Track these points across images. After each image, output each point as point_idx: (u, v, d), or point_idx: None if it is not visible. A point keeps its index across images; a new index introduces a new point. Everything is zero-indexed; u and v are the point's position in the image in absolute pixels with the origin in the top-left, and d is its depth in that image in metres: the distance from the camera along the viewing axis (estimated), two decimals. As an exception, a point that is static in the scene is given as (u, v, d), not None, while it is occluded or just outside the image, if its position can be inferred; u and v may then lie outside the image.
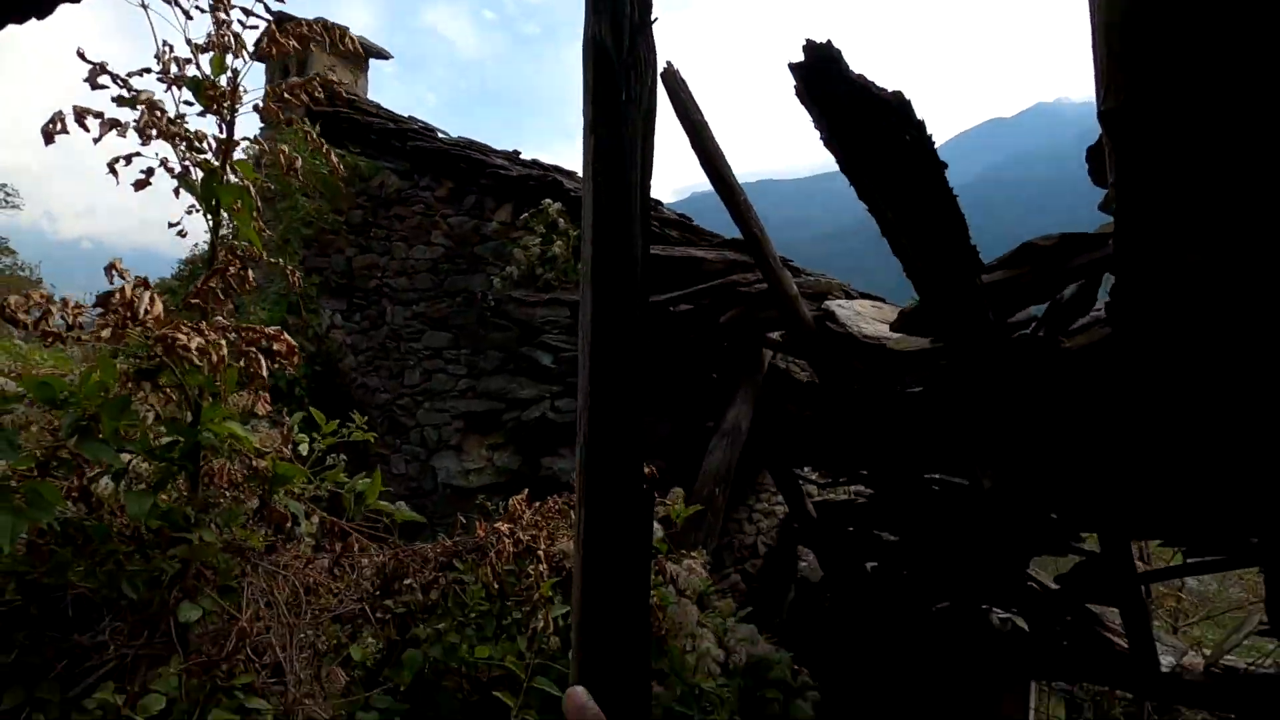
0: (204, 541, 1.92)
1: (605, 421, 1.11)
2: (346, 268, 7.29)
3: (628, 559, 1.15)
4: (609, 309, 1.10)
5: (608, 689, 1.21)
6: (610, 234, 1.08)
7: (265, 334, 1.60)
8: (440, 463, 5.55)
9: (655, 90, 1.19)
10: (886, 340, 3.72)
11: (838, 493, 6.76)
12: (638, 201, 1.13)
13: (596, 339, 1.08)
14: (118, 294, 1.31)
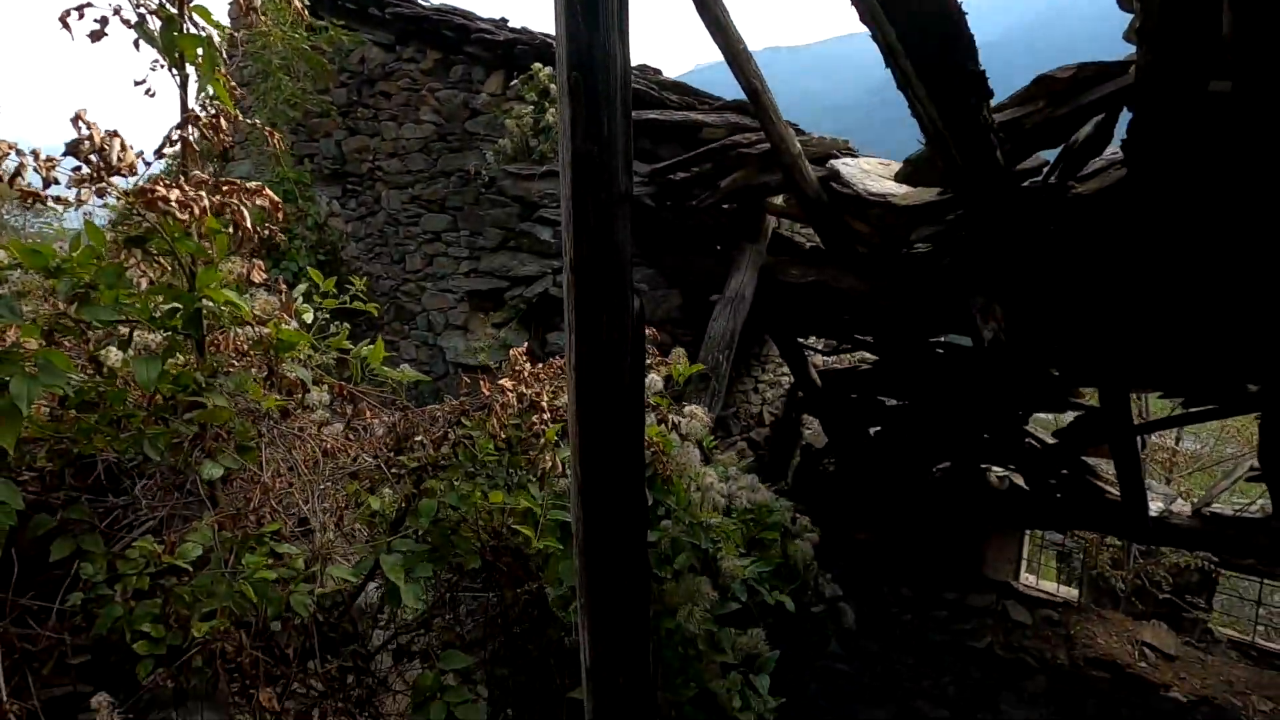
0: (217, 406, 1.98)
1: (590, 244, 1.09)
2: (337, 152, 7.06)
3: (618, 383, 1.17)
4: (589, 118, 1.06)
5: (605, 518, 1.27)
6: (585, 53, 1.01)
7: (246, 188, 1.56)
8: (448, 342, 5.63)
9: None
10: (893, 196, 3.61)
11: (842, 360, 6.85)
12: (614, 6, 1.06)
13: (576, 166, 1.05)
14: (86, 141, 1.27)
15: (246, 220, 1.49)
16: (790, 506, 2.87)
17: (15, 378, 1.64)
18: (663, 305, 5.32)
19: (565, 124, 1.04)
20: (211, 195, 1.46)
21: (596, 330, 1.11)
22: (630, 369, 1.21)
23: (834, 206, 4.12)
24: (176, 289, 1.89)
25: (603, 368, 1.14)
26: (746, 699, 2.02)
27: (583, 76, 1.01)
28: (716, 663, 2.04)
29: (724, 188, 4.25)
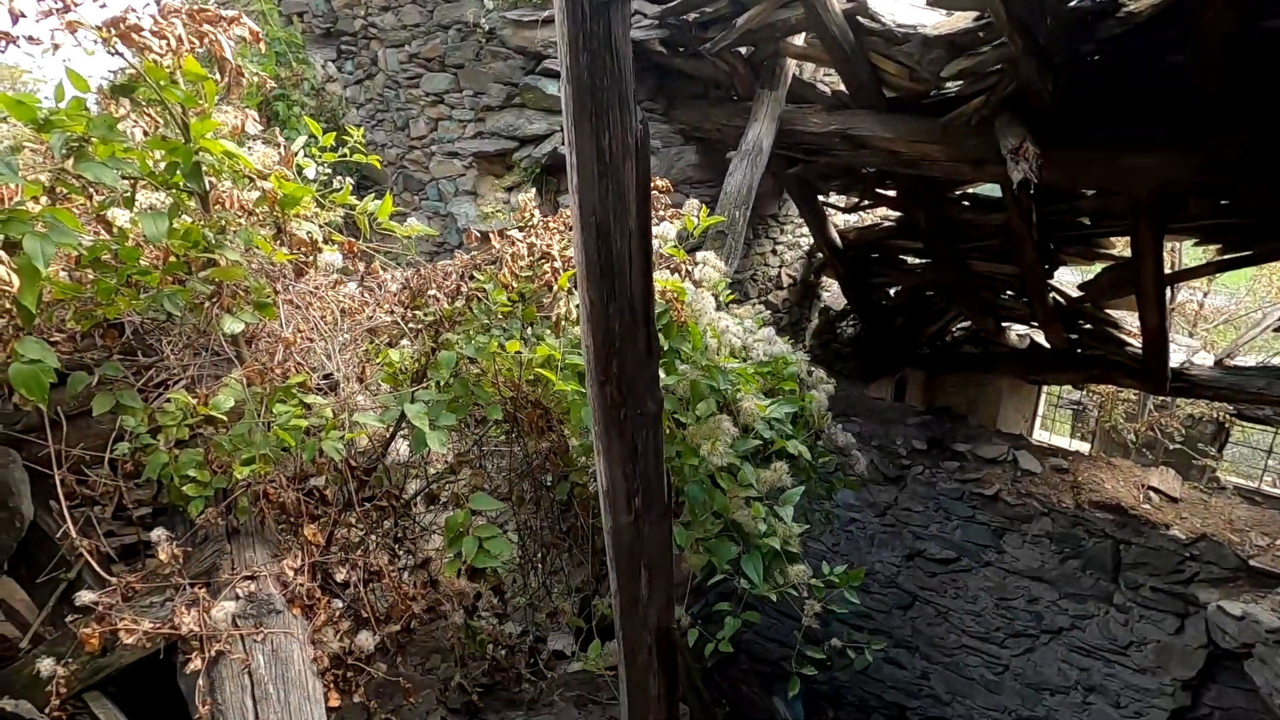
0: (231, 262, 1.98)
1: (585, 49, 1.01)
2: (327, 8, 6.60)
3: (622, 210, 1.13)
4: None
5: (617, 354, 1.27)
6: None
7: (222, 16, 1.47)
8: (458, 208, 5.53)
9: None
10: (924, 26, 3.31)
11: (863, 218, 6.64)
12: None
13: None
14: None
15: (226, 51, 1.40)
16: (807, 359, 2.89)
17: (28, 236, 1.64)
18: (677, 163, 5.12)
19: None
20: (187, 24, 1.37)
21: (599, 152, 1.05)
22: (637, 192, 1.16)
23: (860, 44, 3.81)
24: (172, 142, 1.83)
25: (606, 191, 1.10)
26: (771, 526, 2.11)
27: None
28: (741, 495, 2.12)
29: (741, 26, 3.93)
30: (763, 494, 2.12)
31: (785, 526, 2.10)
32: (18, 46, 1.34)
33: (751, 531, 2.03)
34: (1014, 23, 2.46)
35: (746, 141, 4.19)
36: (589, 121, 1.06)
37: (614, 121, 1.08)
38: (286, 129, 6.00)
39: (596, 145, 1.07)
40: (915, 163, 4.11)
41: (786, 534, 2.11)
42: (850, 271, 6.41)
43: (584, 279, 1.18)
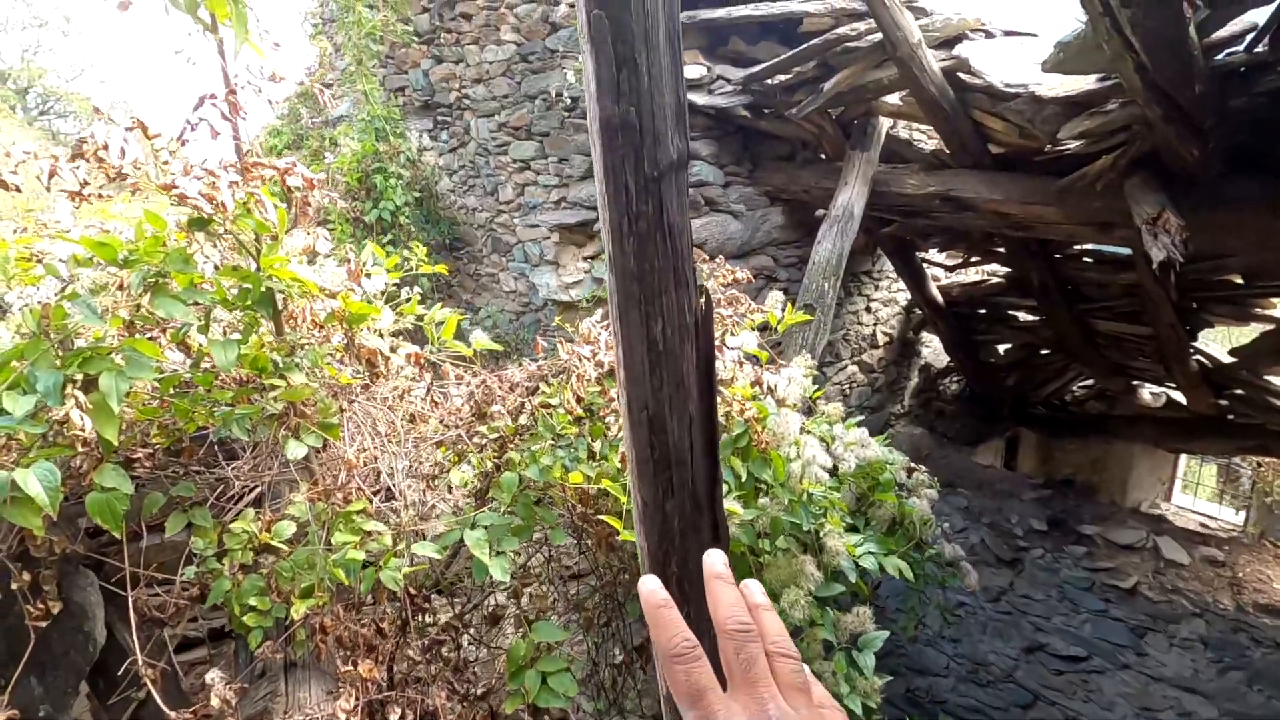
0: (298, 384, 1.96)
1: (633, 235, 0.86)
2: (425, 83, 6.94)
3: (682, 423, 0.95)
4: (621, 69, 0.80)
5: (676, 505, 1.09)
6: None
7: (275, 168, 1.44)
8: (540, 279, 5.55)
9: None
10: (1037, 86, 3.00)
11: (967, 274, 6.17)
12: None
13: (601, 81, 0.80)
14: (88, 140, 1.17)
15: (269, 211, 1.36)
16: (905, 461, 2.59)
17: (104, 374, 1.66)
18: (763, 226, 4.93)
19: (589, 78, 0.79)
20: (238, 180, 1.34)
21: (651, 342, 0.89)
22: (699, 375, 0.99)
23: (961, 102, 3.52)
24: (243, 270, 1.84)
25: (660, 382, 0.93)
26: (852, 681, 1.86)
27: (607, 14, 0.75)
28: (819, 641, 1.88)
29: (829, 90, 3.73)
30: (842, 641, 1.87)
31: (867, 681, 1.83)
32: (90, 203, 1.36)
33: (830, 690, 1.76)
34: (1152, 92, 2.13)
35: (836, 207, 3.95)
36: (637, 310, 0.90)
37: (669, 306, 0.91)
38: (384, 199, 6.28)
39: (648, 335, 0.91)
40: (1028, 225, 3.72)
41: (868, 689, 1.84)
42: (954, 329, 5.95)
43: (635, 475, 1.01)
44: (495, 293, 6.92)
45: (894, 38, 3.24)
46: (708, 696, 0.45)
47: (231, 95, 1.44)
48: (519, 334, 6.45)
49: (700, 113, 4.38)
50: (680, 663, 0.46)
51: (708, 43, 4.58)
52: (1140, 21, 1.69)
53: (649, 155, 0.84)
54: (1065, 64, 2.55)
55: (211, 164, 1.41)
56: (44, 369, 1.69)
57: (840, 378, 5.92)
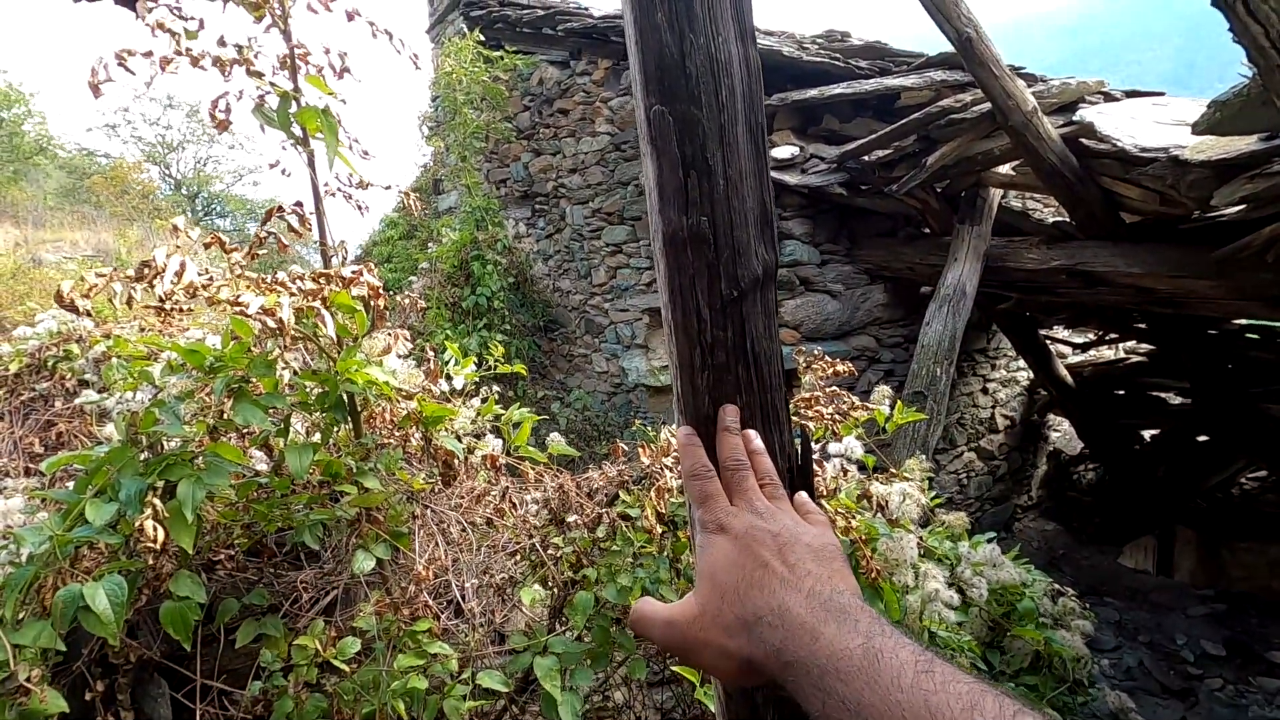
0: (372, 490, 1.89)
1: (707, 368, 0.69)
2: (525, 174, 7.29)
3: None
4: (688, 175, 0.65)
5: None
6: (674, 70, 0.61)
7: (342, 277, 1.40)
8: (630, 363, 5.48)
9: None
10: (1181, 149, 2.66)
11: (1102, 352, 5.55)
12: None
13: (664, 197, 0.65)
14: (150, 263, 1.16)
15: (329, 327, 1.31)
16: (1047, 583, 2.20)
17: (182, 481, 1.65)
18: (864, 304, 4.65)
19: (650, 185, 0.65)
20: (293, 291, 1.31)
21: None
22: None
23: (1087, 169, 3.20)
24: (321, 374, 1.81)
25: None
26: None
27: (671, 111, 0.61)
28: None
29: (932, 164, 3.51)
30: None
31: None
32: (174, 318, 1.36)
33: None
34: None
35: (945, 285, 3.65)
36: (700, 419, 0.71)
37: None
38: (480, 285, 6.51)
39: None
40: (1178, 301, 3.27)
41: None
42: (1087, 413, 5.32)
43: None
44: (587, 373, 6.92)
45: (1005, 106, 3.01)
46: (714, 498, 0.60)
47: (298, 207, 1.43)
48: (609, 415, 6.37)
49: (794, 192, 4.25)
50: (697, 479, 0.63)
51: (800, 123, 4.50)
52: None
53: (726, 272, 0.69)
54: (1223, 124, 2.23)
55: (282, 277, 1.39)
56: (128, 477, 1.69)
57: (956, 466, 5.39)
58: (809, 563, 0.53)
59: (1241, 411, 4.43)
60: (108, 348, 2.67)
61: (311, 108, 1.64)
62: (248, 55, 1.64)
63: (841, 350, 4.50)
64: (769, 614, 0.49)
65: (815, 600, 0.48)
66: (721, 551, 0.55)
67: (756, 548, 0.54)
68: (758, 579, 0.52)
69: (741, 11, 0.66)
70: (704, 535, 0.58)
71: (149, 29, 1.44)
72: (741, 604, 0.51)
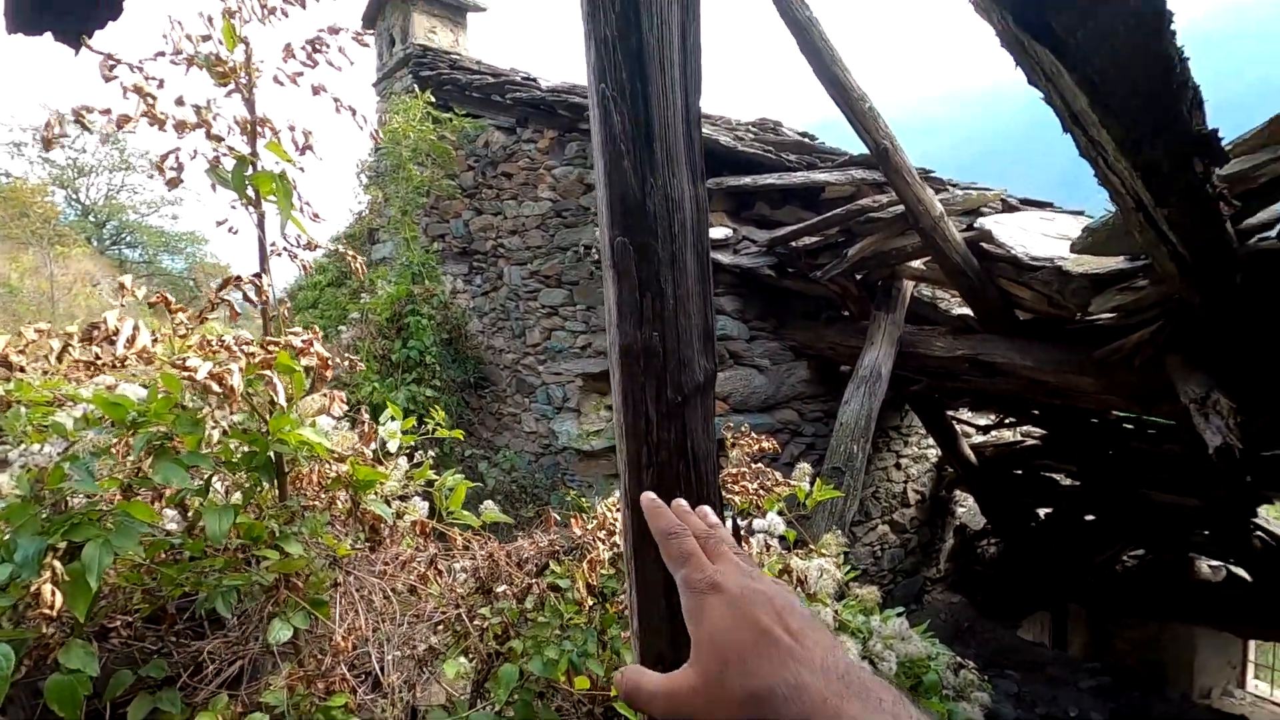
0: (292, 555, 1.84)
1: (653, 465, 0.77)
2: (465, 231, 7.34)
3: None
4: (644, 297, 0.75)
5: None
6: (636, 209, 0.71)
7: (294, 345, 1.42)
8: (561, 426, 5.49)
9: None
10: (1064, 260, 3.01)
11: (1002, 434, 5.99)
12: (679, 129, 0.75)
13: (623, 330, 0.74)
14: (101, 327, 1.16)
15: (279, 396, 1.32)
16: (949, 657, 2.32)
17: (89, 543, 1.57)
18: (788, 380, 4.88)
19: (610, 303, 0.74)
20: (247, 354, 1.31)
21: (668, 588, 0.77)
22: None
23: (985, 271, 3.55)
24: (251, 434, 1.78)
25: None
26: None
27: (631, 242, 0.71)
28: None
29: (852, 256, 3.81)
30: None
31: None
32: (102, 371, 1.33)
33: None
34: (1189, 278, 2.10)
35: (863, 366, 3.90)
36: (655, 550, 0.78)
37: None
38: (413, 338, 6.44)
39: (665, 581, 0.78)
40: (1065, 393, 3.62)
41: None
42: (988, 490, 5.67)
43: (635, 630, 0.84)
44: (516, 432, 6.87)
45: (916, 210, 3.33)
46: (697, 555, 0.59)
47: (257, 278, 1.45)
48: (536, 476, 6.32)
49: (727, 270, 4.49)
50: (673, 538, 0.61)
51: (734, 206, 4.79)
52: (1176, 220, 1.68)
53: (673, 380, 0.77)
54: (1095, 247, 2.56)
55: (229, 341, 1.39)
56: (26, 536, 1.60)
57: (871, 538, 5.61)
58: (812, 631, 0.50)
59: (1121, 495, 4.84)
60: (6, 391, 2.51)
61: (268, 172, 1.68)
62: (207, 117, 1.67)
63: (767, 423, 4.68)
64: (783, 688, 0.45)
65: (832, 675, 0.45)
66: (718, 614, 0.52)
67: (755, 612, 0.51)
68: (764, 648, 0.48)
69: (694, 156, 0.77)
70: (695, 597, 0.55)
71: (112, 83, 1.45)
72: (750, 676, 0.47)
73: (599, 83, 0.69)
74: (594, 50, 0.69)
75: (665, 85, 0.71)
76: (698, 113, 0.77)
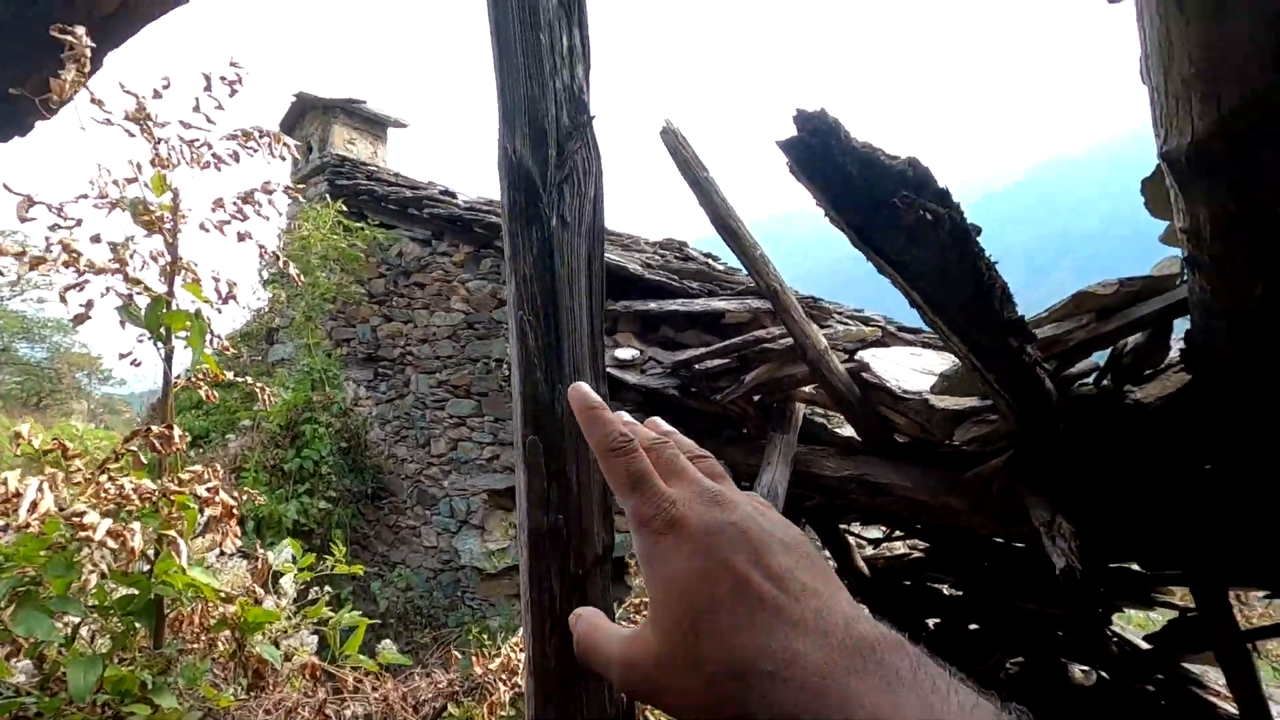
0: (164, 708, 1.71)
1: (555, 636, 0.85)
2: (372, 337, 7.27)
3: None
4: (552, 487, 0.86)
5: None
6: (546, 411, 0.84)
7: (198, 495, 1.41)
8: (464, 543, 5.34)
9: (601, 198, 0.96)
10: (929, 394, 3.39)
11: (894, 546, 6.31)
12: (585, 344, 0.90)
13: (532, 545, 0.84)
14: (2, 484, 1.14)
15: (181, 557, 1.31)
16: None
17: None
18: (691, 495, 5.02)
19: (521, 490, 0.84)
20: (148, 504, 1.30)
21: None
22: None
23: (866, 399, 3.90)
24: (134, 576, 1.70)
25: None
26: None
27: (541, 440, 0.83)
28: None
29: (749, 382, 4.10)
30: None
31: None
32: None
33: None
34: (1024, 425, 2.44)
35: (760, 486, 4.10)
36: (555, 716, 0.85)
37: (589, 701, 0.88)
38: (309, 447, 6.18)
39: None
40: (940, 512, 3.93)
41: None
42: (881, 601, 5.90)
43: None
44: (414, 547, 6.57)
45: (803, 344, 3.67)
46: (649, 480, 0.45)
47: (168, 430, 1.46)
48: (434, 595, 6.01)
49: (633, 390, 4.68)
50: (617, 455, 0.46)
51: (640, 328, 5.07)
52: (1003, 381, 2.00)
53: (575, 555, 0.88)
54: (950, 390, 2.93)
55: (128, 490, 1.37)
56: None
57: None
58: (801, 571, 0.39)
59: (997, 605, 5.17)
60: None
61: (183, 311, 1.71)
62: (124, 255, 1.70)
63: (671, 538, 4.76)
64: (769, 662, 0.35)
65: (832, 638, 0.36)
66: (680, 560, 0.40)
67: (727, 554, 0.39)
68: (740, 606, 0.37)
69: (597, 363, 0.92)
70: (648, 538, 0.42)
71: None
72: (725, 645, 0.36)
73: (518, 310, 0.83)
74: (514, 284, 0.84)
75: (573, 308, 0.86)
76: (600, 326, 0.93)
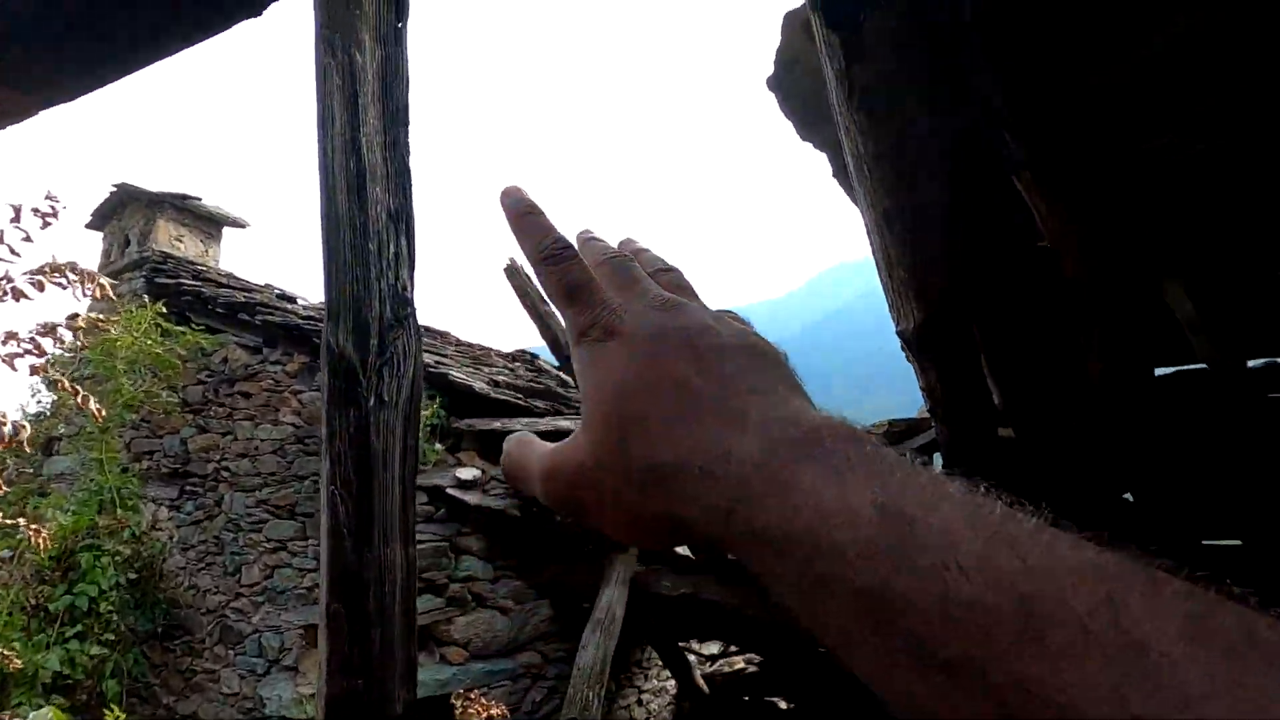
0: None
1: None
2: (181, 450, 6.57)
3: None
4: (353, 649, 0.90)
5: None
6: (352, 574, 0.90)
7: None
8: (271, 689, 4.77)
9: (420, 373, 1.07)
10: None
11: (733, 660, 6.44)
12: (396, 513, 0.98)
13: (328, 709, 0.87)
14: None
15: None
16: None
17: None
18: (531, 620, 4.89)
19: (323, 658, 0.88)
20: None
21: None
22: None
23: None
24: None
25: None
26: None
27: (344, 606, 0.88)
28: None
29: (589, 502, 4.21)
30: None
31: None
32: None
33: None
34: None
35: (599, 608, 4.12)
36: None
37: None
38: (86, 580, 5.29)
39: None
40: (769, 624, 4.15)
41: None
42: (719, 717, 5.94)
43: None
44: (210, 695, 5.70)
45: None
46: (588, 288, 0.40)
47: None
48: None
49: (475, 510, 4.59)
50: (554, 263, 0.41)
51: (483, 447, 5.05)
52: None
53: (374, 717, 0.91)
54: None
55: None
56: None
57: (614, 788, 5.42)
58: (748, 373, 0.35)
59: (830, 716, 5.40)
60: None
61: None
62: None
63: (509, 668, 4.57)
64: (703, 459, 0.32)
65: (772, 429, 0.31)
66: (615, 365, 0.37)
67: (667, 359, 0.36)
68: (676, 406, 0.34)
69: (408, 525, 1.00)
70: (584, 346, 0.39)
71: None
72: (656, 445, 0.34)
73: (330, 484, 0.91)
74: (329, 461, 0.91)
75: (386, 481, 0.95)
76: (413, 491, 1.01)
